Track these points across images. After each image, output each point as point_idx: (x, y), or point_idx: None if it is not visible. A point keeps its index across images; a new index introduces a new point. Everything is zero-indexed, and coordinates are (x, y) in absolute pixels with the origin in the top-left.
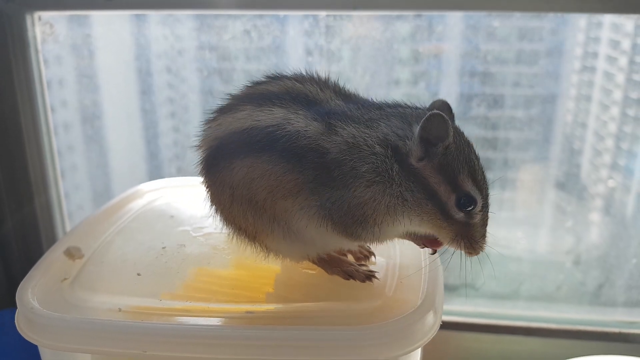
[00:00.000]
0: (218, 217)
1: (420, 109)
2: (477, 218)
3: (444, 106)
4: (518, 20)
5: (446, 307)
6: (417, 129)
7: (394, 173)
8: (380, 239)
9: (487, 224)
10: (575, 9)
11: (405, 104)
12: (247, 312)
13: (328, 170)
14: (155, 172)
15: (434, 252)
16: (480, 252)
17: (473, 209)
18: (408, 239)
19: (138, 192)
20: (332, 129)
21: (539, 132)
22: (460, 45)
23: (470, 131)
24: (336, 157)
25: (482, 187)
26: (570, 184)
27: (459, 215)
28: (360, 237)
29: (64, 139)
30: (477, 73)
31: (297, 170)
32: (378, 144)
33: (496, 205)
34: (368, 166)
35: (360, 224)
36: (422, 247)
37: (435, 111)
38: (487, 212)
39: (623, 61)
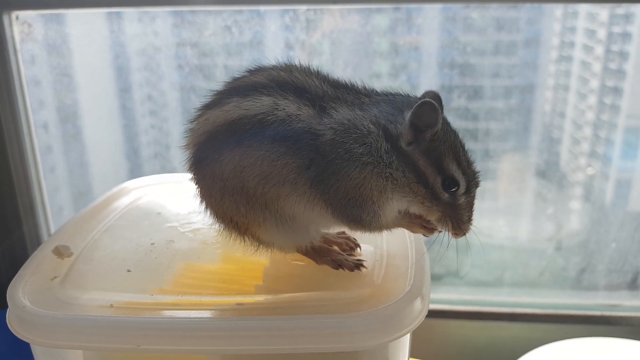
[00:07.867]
0: (208, 213)
1: (410, 96)
2: (462, 200)
3: (435, 97)
4: (495, 10)
5: (432, 295)
6: (408, 115)
7: (385, 153)
8: (382, 220)
9: (472, 207)
10: None
11: (395, 92)
12: (237, 304)
13: (323, 153)
14: (136, 170)
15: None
16: (466, 233)
17: (457, 190)
18: (404, 227)
19: (123, 190)
20: (325, 112)
21: (518, 122)
22: (439, 37)
23: (451, 122)
24: (331, 140)
25: (466, 170)
26: (550, 173)
27: (445, 196)
28: (362, 221)
29: (43, 139)
30: (456, 64)
31: (292, 154)
32: (372, 124)
33: (479, 195)
34: (363, 148)
35: (359, 206)
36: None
37: (427, 99)
38: (473, 195)
39: (599, 50)
